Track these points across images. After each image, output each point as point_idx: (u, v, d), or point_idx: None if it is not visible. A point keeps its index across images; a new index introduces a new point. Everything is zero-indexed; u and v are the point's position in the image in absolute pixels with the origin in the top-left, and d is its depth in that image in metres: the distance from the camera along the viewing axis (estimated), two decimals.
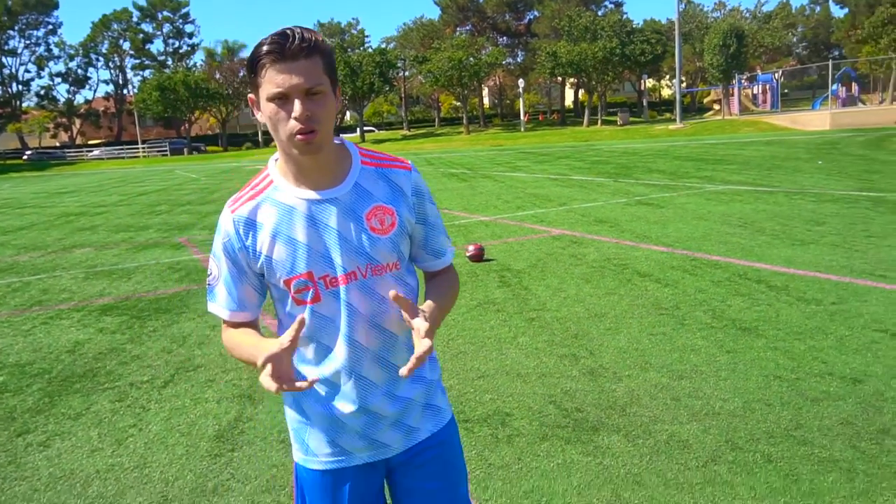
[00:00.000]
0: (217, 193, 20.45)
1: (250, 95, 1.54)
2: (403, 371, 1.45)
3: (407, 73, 71.27)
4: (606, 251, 8.04)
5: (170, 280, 8.07)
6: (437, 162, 30.24)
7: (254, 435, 3.77)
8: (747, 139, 31.50)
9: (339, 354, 1.58)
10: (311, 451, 1.68)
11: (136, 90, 73.61)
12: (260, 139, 73.24)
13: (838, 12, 79.69)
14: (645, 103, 63.78)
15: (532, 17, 73.30)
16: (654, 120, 57.95)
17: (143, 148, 66.28)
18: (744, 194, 12.29)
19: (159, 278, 8.22)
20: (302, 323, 1.41)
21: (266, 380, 1.35)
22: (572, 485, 3.06)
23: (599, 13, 62.42)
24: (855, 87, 53.81)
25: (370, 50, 65.63)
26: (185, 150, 66.11)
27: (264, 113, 1.49)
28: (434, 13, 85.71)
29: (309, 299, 1.56)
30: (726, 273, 6.63)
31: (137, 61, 79.40)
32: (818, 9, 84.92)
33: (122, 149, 67.45)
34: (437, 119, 75.12)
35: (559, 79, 64.59)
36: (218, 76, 70.28)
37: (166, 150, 65.44)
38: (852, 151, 20.55)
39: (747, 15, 71.39)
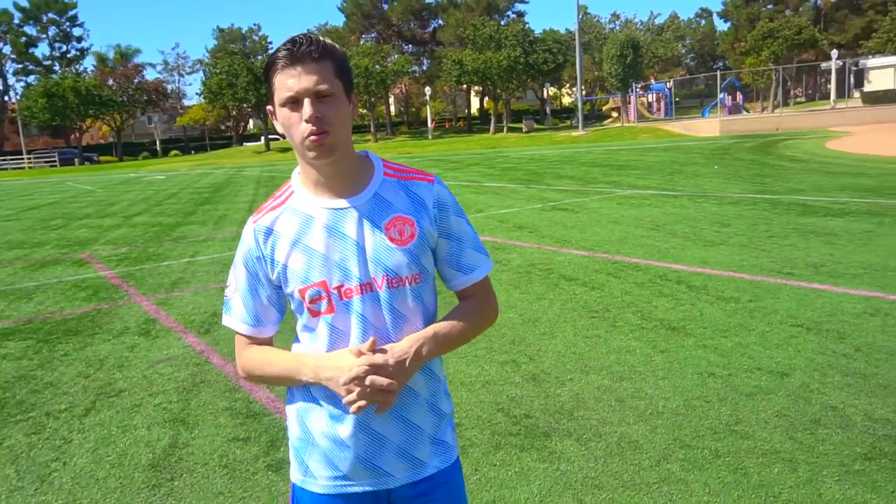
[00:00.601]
0: (116, 206, 19.44)
1: (268, 107, 1.54)
2: (348, 404, 1.46)
3: None
4: (530, 256, 8.17)
5: (76, 299, 7.57)
6: None
7: (193, 461, 3.57)
8: (647, 145, 32.90)
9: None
10: (310, 472, 1.60)
11: (19, 97, 69.09)
12: (158, 148, 70.27)
13: (722, 26, 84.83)
14: (548, 111, 65.55)
15: (437, 25, 73.98)
16: (558, 127, 59.63)
17: (29, 158, 62.13)
18: (651, 198, 12.80)
19: (64, 298, 7.69)
20: (373, 343, 1.47)
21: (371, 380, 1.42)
22: (533, 493, 3.06)
23: (502, 23, 63.72)
24: (739, 97, 57.32)
25: None
26: (77, 160, 62.49)
27: (279, 120, 1.49)
28: (339, 20, 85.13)
29: (323, 310, 1.52)
30: (647, 275, 6.86)
31: (20, 66, 74.61)
32: (703, 22, 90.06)
33: (4, 160, 63.02)
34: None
35: (464, 86, 65.43)
36: (111, 82, 67.00)
37: (55, 161, 61.60)
38: (743, 156, 21.83)
39: (641, 27, 74.82)
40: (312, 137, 1.44)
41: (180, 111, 79.28)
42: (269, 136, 60.66)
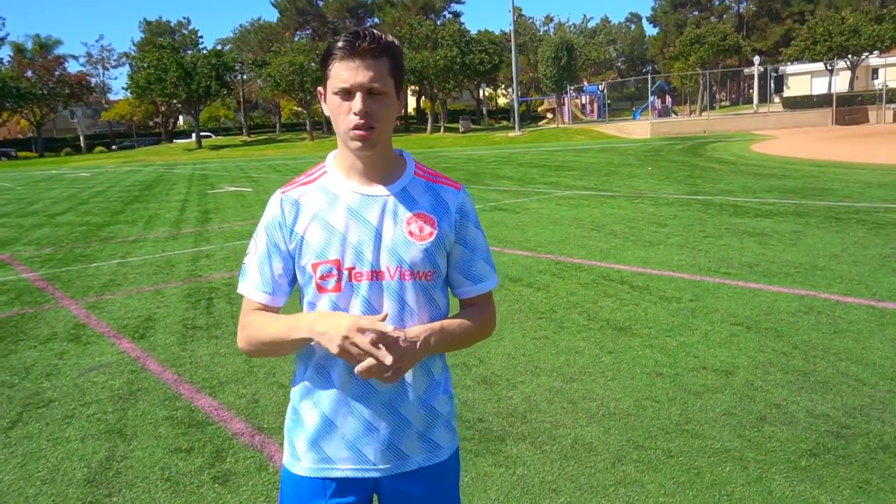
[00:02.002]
0: (38, 204, 18.52)
1: (319, 88, 1.59)
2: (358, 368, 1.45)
3: (245, 77, 68.74)
4: None
5: None
6: (283, 169, 29.40)
7: (133, 475, 3.38)
8: (581, 146, 33.52)
9: None
10: (296, 454, 1.63)
11: None
12: (82, 144, 67.38)
13: (651, 31, 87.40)
14: (485, 111, 66.05)
15: (372, 23, 73.47)
16: (494, 127, 60.13)
17: None
18: (590, 199, 13.02)
19: None
20: (385, 316, 1.47)
21: (362, 345, 1.40)
22: (491, 499, 3.02)
23: (438, 23, 63.83)
24: (669, 100, 59.13)
25: (205, 51, 62.57)
26: None
27: (328, 105, 1.53)
28: (272, 15, 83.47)
29: (330, 287, 1.54)
30: (591, 275, 6.95)
31: None
32: (633, 27, 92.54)
33: None
34: (278, 125, 73.13)
35: None
36: (30, 74, 63.87)
37: None
38: (674, 158, 22.48)
39: (574, 30, 76.18)
40: (358, 132, 1.49)
41: (105, 106, 76.40)
42: (202, 133, 59.04)
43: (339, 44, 1.48)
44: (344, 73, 1.47)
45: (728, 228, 9.07)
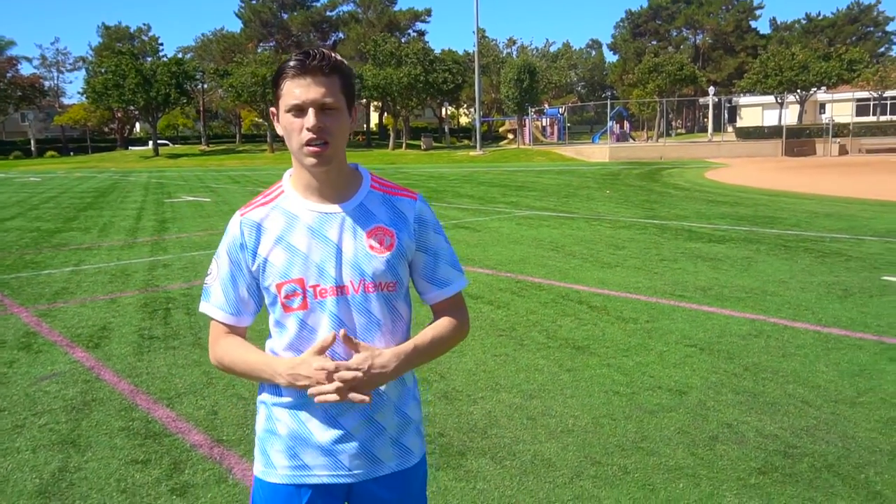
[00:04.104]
0: None
1: (272, 108, 1.62)
2: (311, 391, 1.52)
3: (206, 86, 67.93)
4: None
5: None
6: (243, 180, 29.09)
7: (87, 487, 3.32)
8: (541, 168, 34.00)
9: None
10: (271, 462, 1.65)
11: None
12: (33, 148, 65.53)
13: (611, 58, 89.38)
14: (447, 129, 66.48)
15: (337, 38, 73.58)
16: (456, 146, 60.55)
17: None
18: (549, 220, 13.22)
19: None
20: (334, 337, 1.53)
21: (325, 391, 1.48)
22: None
23: (403, 40, 64.22)
24: (627, 125, 60.47)
25: (165, 59, 61.69)
26: None
27: (281, 123, 1.57)
28: (235, 26, 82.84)
29: (296, 306, 1.58)
30: (550, 294, 7.06)
31: None
32: (594, 53, 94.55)
33: None
34: (238, 135, 72.33)
35: (364, 101, 65.28)
36: None
37: None
38: (632, 182, 22.99)
39: (536, 53, 77.41)
40: (312, 147, 1.52)
41: (59, 110, 74.49)
42: (159, 141, 58.04)
43: (291, 63, 1.53)
44: (296, 90, 1.51)
45: (683, 252, 9.32)
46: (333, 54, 1.54)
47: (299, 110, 1.52)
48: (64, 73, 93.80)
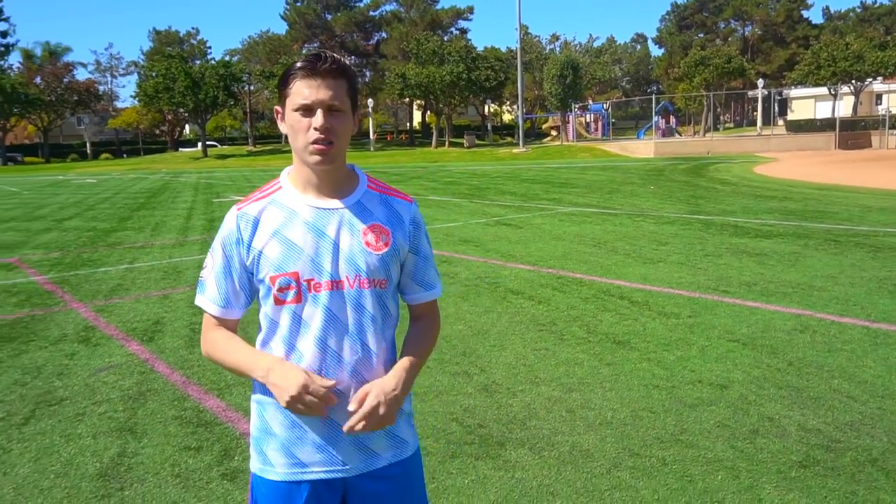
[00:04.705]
0: (46, 209, 18.69)
1: (276, 107, 1.68)
2: (345, 428, 1.58)
3: (252, 88, 69.22)
4: (476, 270, 8.28)
5: (7, 305, 7.27)
6: None
7: (143, 471, 3.49)
8: (585, 164, 33.73)
9: (311, 359, 1.62)
10: (269, 461, 1.68)
11: None
12: (88, 151, 67.75)
13: (656, 51, 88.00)
14: (489, 127, 66.41)
15: (380, 37, 74.14)
16: (498, 143, 60.45)
17: None
18: (592, 216, 13.16)
19: None
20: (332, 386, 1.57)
21: (310, 403, 1.53)
22: (490, 500, 3.13)
23: (445, 38, 64.35)
24: (672, 120, 59.46)
25: (213, 62, 63.08)
26: None
27: (287, 122, 1.62)
28: (281, 28, 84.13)
29: (289, 299, 1.61)
30: (592, 290, 7.06)
31: None
32: (639, 47, 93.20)
33: None
34: (283, 136, 73.42)
35: (407, 100, 65.67)
36: (38, 80, 64.34)
37: None
38: (677, 178, 22.65)
39: (580, 49, 76.72)
40: (319, 146, 1.57)
41: (112, 113, 76.81)
42: (207, 143, 59.36)
43: (300, 64, 1.58)
44: (305, 90, 1.56)
45: (728, 248, 9.19)
46: (342, 58, 1.62)
47: (307, 110, 1.57)
48: (117, 77, 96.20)
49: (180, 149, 69.23)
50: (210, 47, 75.85)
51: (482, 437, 3.76)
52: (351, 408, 1.58)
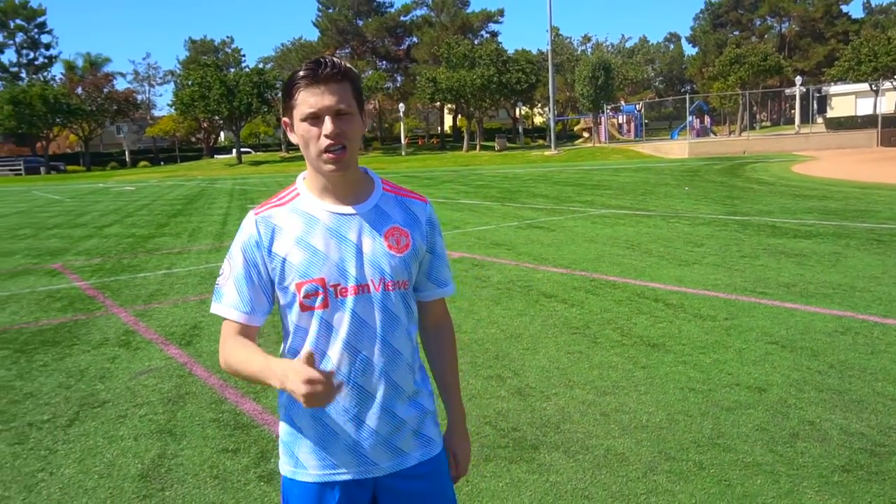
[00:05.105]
0: (87, 216, 19.15)
1: (284, 119, 1.67)
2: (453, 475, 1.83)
3: None
4: (509, 273, 8.27)
5: (52, 310, 7.47)
6: None
7: (183, 472, 3.56)
8: (618, 166, 33.43)
9: (339, 363, 1.63)
10: (300, 463, 1.70)
11: None
12: (127, 159, 69.26)
13: (690, 50, 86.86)
14: (520, 130, 66.20)
15: (411, 42, 74.44)
16: (530, 146, 60.24)
17: None
18: (625, 218, 13.03)
19: (39, 308, 7.58)
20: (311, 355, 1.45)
21: (316, 394, 1.39)
22: (524, 503, 3.12)
23: (476, 42, 64.37)
24: (707, 120, 58.59)
25: (247, 70, 64.05)
26: (43, 168, 61.35)
27: (297, 132, 1.61)
28: (313, 35, 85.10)
29: (317, 305, 1.62)
30: (625, 293, 7.00)
31: None
32: (672, 46, 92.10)
33: None
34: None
35: (438, 104, 65.82)
36: (79, 91, 65.99)
37: (20, 169, 60.39)
38: (713, 178, 22.32)
39: (612, 49, 76.11)
40: (331, 154, 1.58)
41: (150, 122, 78.39)
42: (242, 149, 60.23)
43: (301, 73, 1.57)
44: (311, 99, 1.55)
45: (765, 249, 9.03)
46: (343, 61, 1.60)
47: (315, 118, 1.56)
48: (155, 86, 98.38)
49: (215, 156, 70.32)
50: (244, 55, 77.10)
51: (516, 441, 3.75)
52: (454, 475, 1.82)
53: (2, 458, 3.83)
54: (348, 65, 1.61)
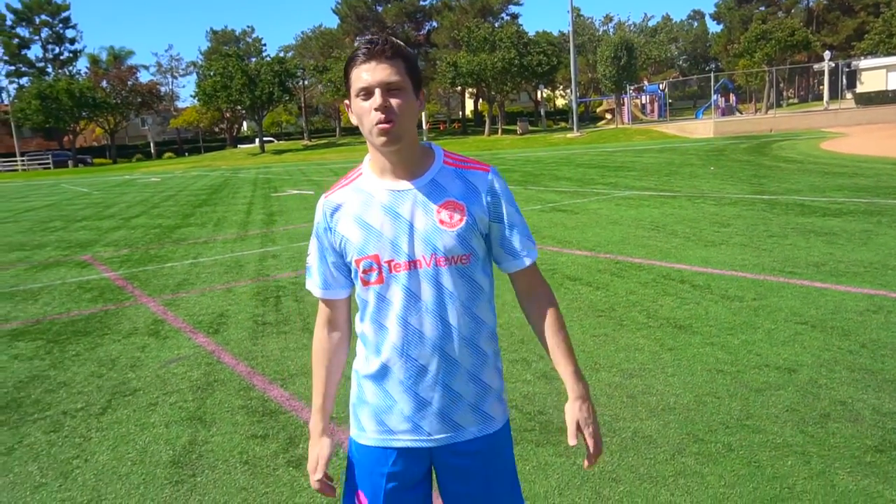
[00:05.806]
0: (114, 208, 19.43)
1: (346, 101, 1.72)
2: (585, 464, 1.75)
3: (306, 83, 70.26)
4: None
5: (83, 301, 7.60)
6: (344, 172, 29.86)
7: (214, 458, 3.62)
8: (642, 146, 33.05)
9: (394, 336, 1.70)
10: (362, 426, 1.80)
11: (12, 99, 68.83)
12: (152, 150, 70.06)
13: (715, 27, 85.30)
14: (542, 113, 65.72)
15: (431, 27, 74.08)
16: (552, 129, 59.79)
17: (23, 160, 61.95)
18: (650, 199, 12.90)
19: (70, 299, 7.72)
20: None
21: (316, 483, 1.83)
22: (552, 486, 3.13)
23: (496, 25, 63.86)
24: (733, 98, 57.65)
25: (268, 59, 64.27)
26: (70, 162, 62.33)
27: (353, 109, 1.67)
28: (333, 22, 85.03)
29: (373, 280, 1.70)
30: (651, 275, 6.94)
31: (12, 68, 74.31)
32: (696, 24, 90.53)
33: None
34: (338, 129, 74.46)
35: (459, 88, 65.54)
36: (104, 84, 66.79)
37: (49, 163, 61.42)
38: (739, 157, 21.98)
39: (634, 29, 75.03)
40: (381, 126, 1.60)
41: (174, 113, 79.07)
42: (264, 138, 60.55)
43: (357, 52, 1.63)
44: (364, 74, 1.60)
45: (794, 228, 8.88)
46: (396, 40, 1.65)
47: (368, 93, 1.61)
48: (178, 77, 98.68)
49: (239, 145, 70.83)
50: (265, 44, 77.48)
51: (542, 424, 3.75)
52: (571, 442, 1.69)
53: (38, 445, 3.92)
54: (402, 44, 1.65)
